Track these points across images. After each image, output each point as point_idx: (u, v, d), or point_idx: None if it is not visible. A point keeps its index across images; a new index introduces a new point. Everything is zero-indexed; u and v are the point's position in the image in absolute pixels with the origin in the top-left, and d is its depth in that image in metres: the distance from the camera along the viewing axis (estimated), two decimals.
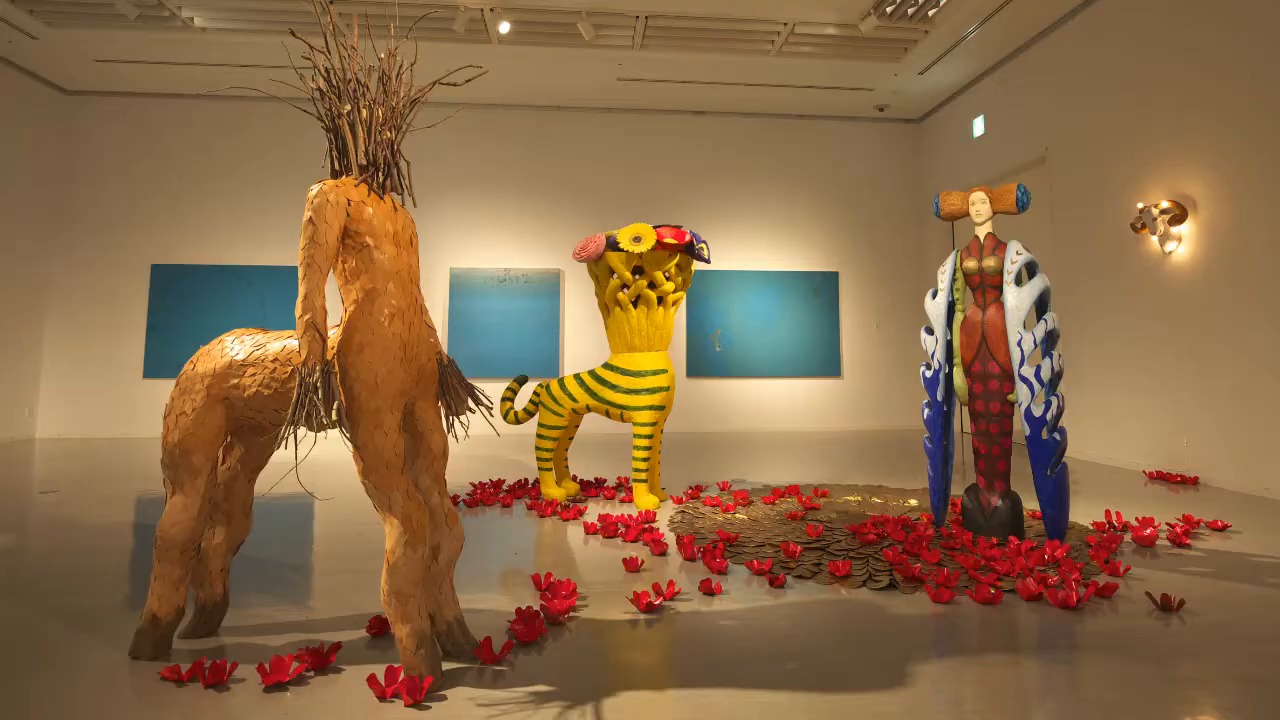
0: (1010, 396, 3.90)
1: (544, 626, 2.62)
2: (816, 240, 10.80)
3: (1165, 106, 6.43)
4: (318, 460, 6.69)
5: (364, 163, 2.37)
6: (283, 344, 2.40)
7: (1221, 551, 3.79)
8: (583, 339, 10.21)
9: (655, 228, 4.86)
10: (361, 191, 2.31)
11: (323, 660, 2.31)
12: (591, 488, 5.52)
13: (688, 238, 4.90)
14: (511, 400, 5.46)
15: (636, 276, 4.98)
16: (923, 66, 9.18)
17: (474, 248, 10.25)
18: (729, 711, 2.07)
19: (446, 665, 2.35)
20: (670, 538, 4.08)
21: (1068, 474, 3.81)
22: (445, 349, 8.72)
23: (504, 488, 5.52)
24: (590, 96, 10.23)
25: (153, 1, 7.62)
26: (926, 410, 4.11)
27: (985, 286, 3.98)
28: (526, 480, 5.71)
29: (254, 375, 2.37)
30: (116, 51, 8.75)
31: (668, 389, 4.94)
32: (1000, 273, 3.91)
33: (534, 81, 9.65)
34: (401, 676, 2.15)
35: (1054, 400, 3.74)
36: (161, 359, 9.59)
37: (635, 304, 4.99)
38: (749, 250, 10.64)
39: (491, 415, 2.68)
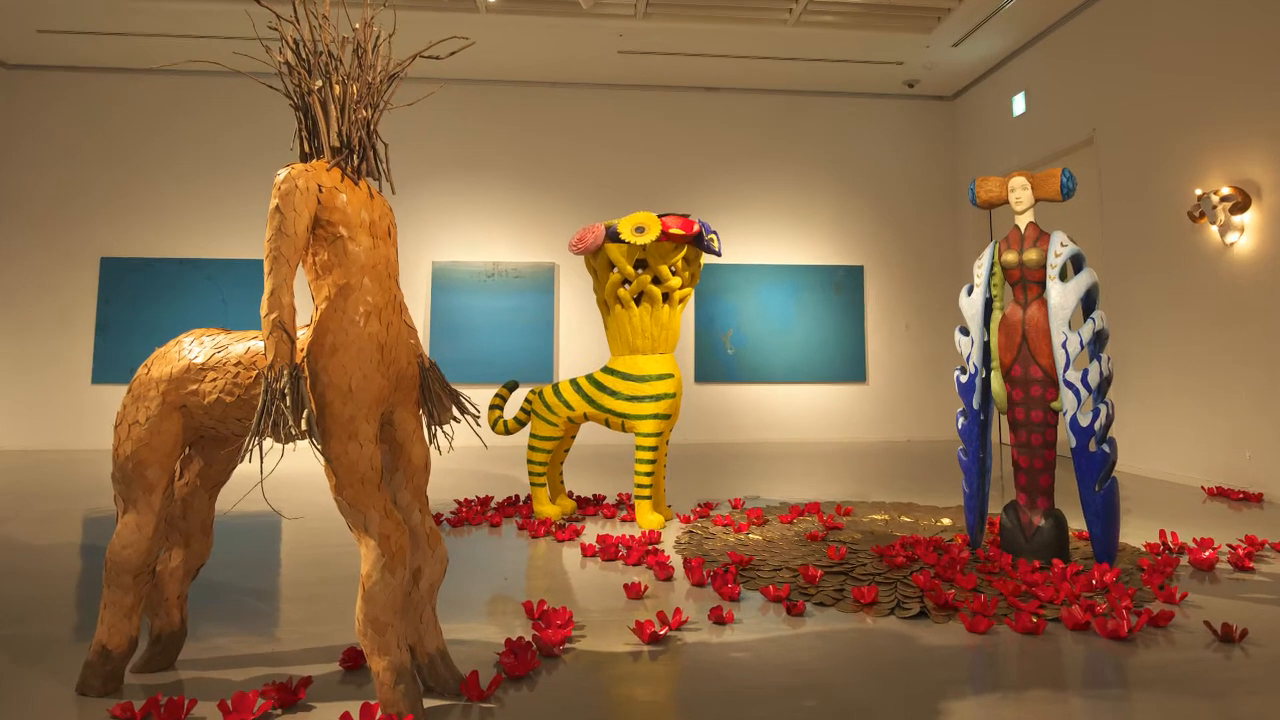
0: (1054, 404, 3.90)
1: (536, 659, 2.62)
2: (839, 231, 10.81)
3: (1227, 81, 6.43)
4: (285, 475, 6.69)
5: (337, 145, 2.37)
6: (247, 345, 2.40)
7: None
8: (580, 340, 10.22)
9: (660, 217, 4.87)
10: (334, 176, 2.32)
11: (291, 697, 2.31)
12: (589, 505, 5.51)
13: (696, 228, 4.90)
14: (501, 408, 5.46)
15: (639, 271, 4.98)
16: (957, 38, 9.19)
17: (459, 239, 10.27)
18: None
19: (428, 702, 2.35)
20: (677, 561, 4.08)
21: (1118, 490, 3.80)
22: (427, 351, 8.71)
23: (492, 505, 5.52)
24: (588, 71, 10.25)
25: None
26: (961, 419, 4.11)
27: (1026, 282, 3.98)
28: (517, 497, 5.71)
29: (215, 380, 2.38)
30: (61, 21, 8.77)
31: (674, 396, 4.95)
32: (1043, 267, 3.91)
33: (526, 55, 9.67)
34: (379, 715, 2.15)
35: (1102, 408, 3.74)
36: (112, 362, 9.61)
37: (638, 301, 4.99)
38: (764, 242, 10.65)
39: (478, 425, 2.68)
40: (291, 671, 2.57)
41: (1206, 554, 3.93)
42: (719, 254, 5.19)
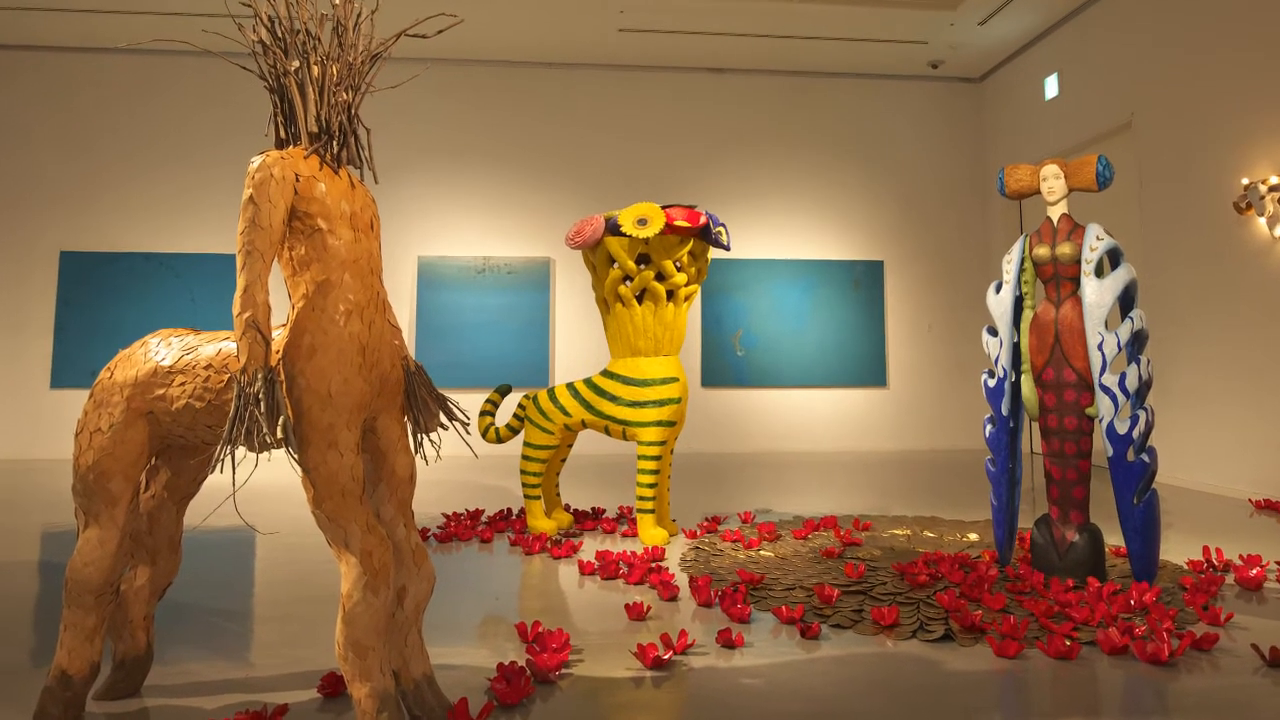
0: (1089, 410, 3.90)
1: (531, 686, 2.62)
2: (857, 223, 10.81)
3: (1276, 61, 6.43)
4: (260, 486, 6.69)
5: (315, 130, 2.38)
6: (218, 347, 2.40)
7: None
8: (577, 341, 10.23)
9: (664, 208, 4.88)
10: (313, 165, 2.32)
11: None
12: (588, 519, 5.51)
13: (703, 220, 4.90)
14: (492, 415, 5.46)
15: (642, 267, 4.98)
16: (984, 15, 9.19)
17: (447, 232, 10.28)
18: None
19: None
20: (682, 579, 4.07)
21: (1158, 503, 3.79)
22: (412, 353, 8.72)
23: (483, 519, 5.53)
24: (586, 51, 10.27)
25: None
26: (989, 427, 4.10)
27: (1059, 278, 3.98)
28: (510, 510, 5.71)
29: (183, 385, 2.38)
30: None
31: (679, 401, 4.95)
32: (1077, 262, 3.91)
33: (519, 33, 9.68)
34: None
35: (1141, 414, 3.74)
36: (72, 365, 9.63)
37: (640, 300, 5.00)
38: (776, 235, 10.65)
39: (468, 433, 2.68)
40: (266, 699, 2.57)
41: (1254, 572, 3.92)
42: (727, 248, 5.19)
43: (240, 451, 9.00)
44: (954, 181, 11.01)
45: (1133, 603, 3.46)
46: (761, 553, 4.59)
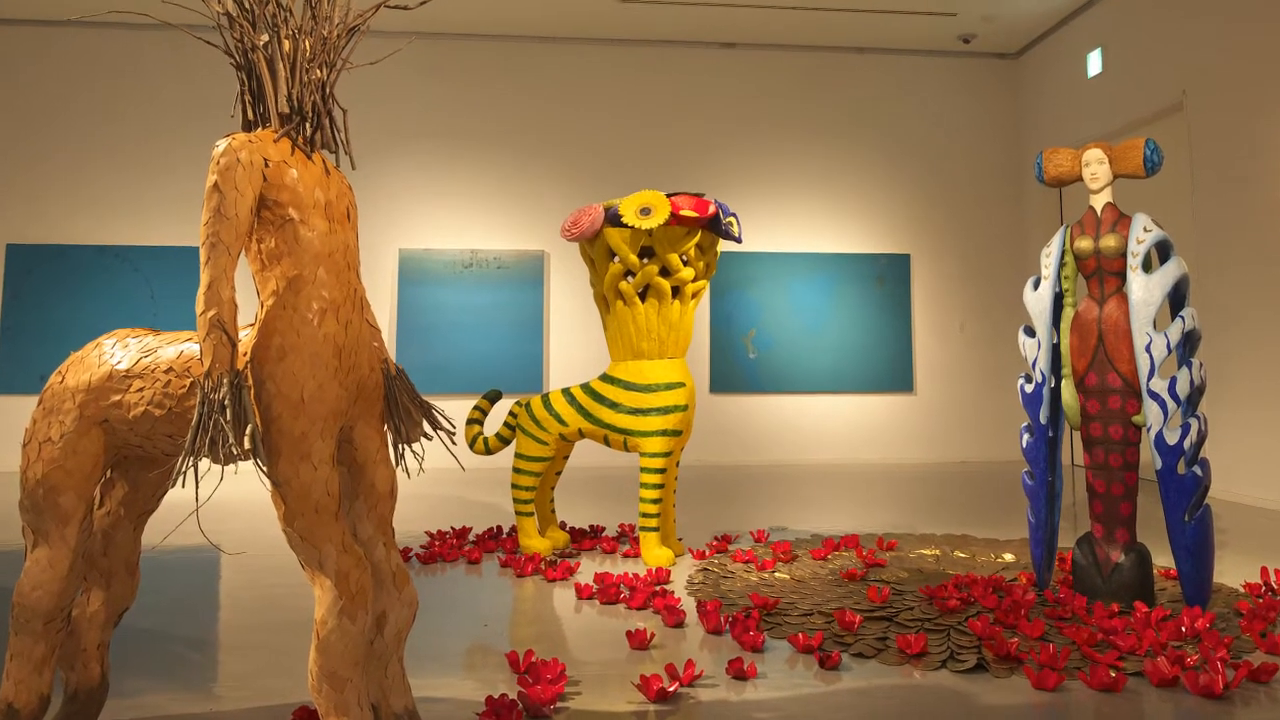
0: (1136, 418, 3.89)
1: None
2: (881, 213, 10.82)
3: None
4: (226, 502, 6.69)
5: (286, 111, 2.38)
6: (179, 349, 2.41)
7: None
8: (574, 343, 10.23)
9: (669, 196, 4.88)
10: (283, 149, 2.33)
11: None
12: (585, 538, 5.52)
13: (712, 209, 4.90)
14: (480, 423, 5.46)
15: (645, 261, 4.98)
16: None
17: (431, 223, 10.30)
18: None
19: None
20: (689, 604, 4.07)
21: (1211, 520, 3.79)
22: (393, 356, 8.71)
23: (470, 538, 5.53)
24: (585, 24, 10.28)
25: None
26: (1026, 436, 4.10)
27: (1103, 274, 3.98)
28: (500, 528, 5.72)
29: (142, 390, 2.38)
30: None
31: (685, 408, 4.95)
32: (1123, 255, 3.91)
33: (510, 4, 9.69)
34: None
35: (1193, 423, 3.73)
36: (19, 369, 9.64)
37: (643, 297, 5.00)
38: (793, 226, 10.66)
39: (454, 443, 2.68)
40: None
41: None
42: (739, 240, 5.19)
43: (204, 464, 8.99)
44: (987, 167, 11.01)
45: (1184, 630, 3.45)
46: (776, 575, 4.59)
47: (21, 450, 2.42)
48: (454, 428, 2.53)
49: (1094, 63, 9.41)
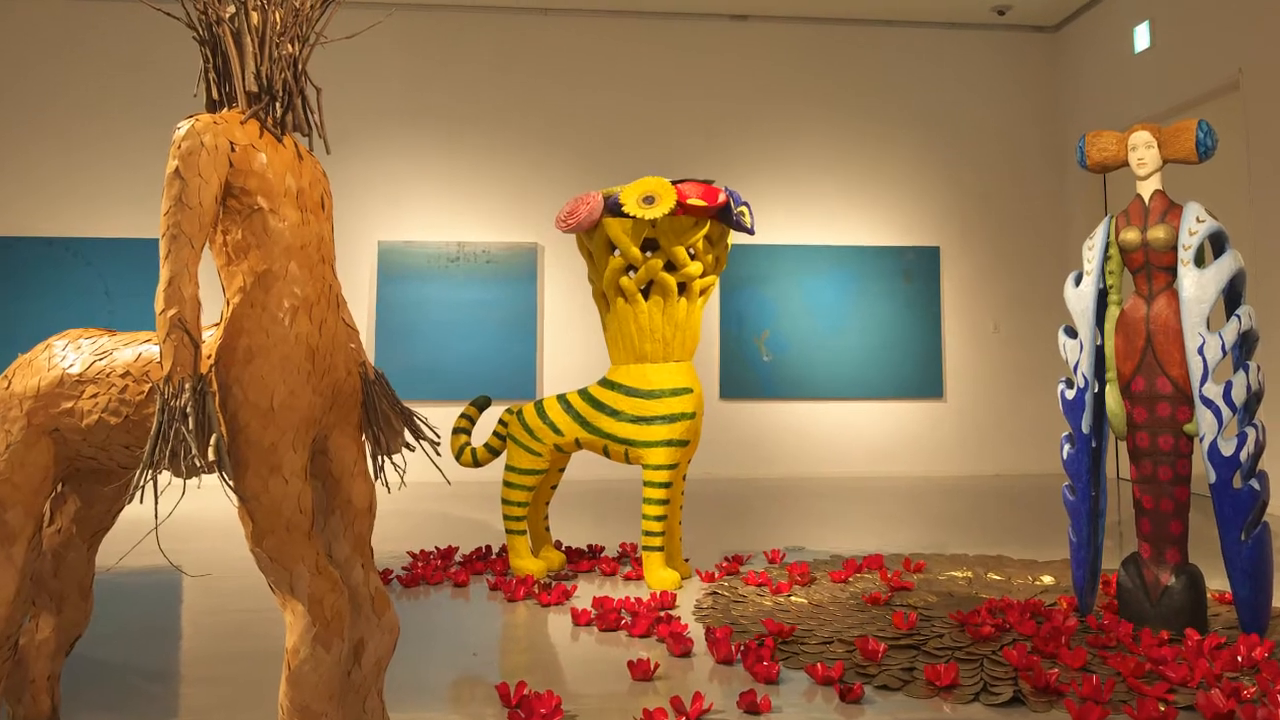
0: (1187, 427, 3.89)
1: None
2: (908, 202, 10.81)
3: None
4: (188, 519, 6.69)
5: (254, 90, 2.38)
6: (137, 351, 2.41)
7: None
8: (570, 344, 10.23)
9: (675, 184, 4.88)
10: (251, 131, 2.33)
11: None
12: (583, 559, 5.52)
13: (722, 198, 4.90)
14: (468, 433, 5.46)
15: (648, 254, 4.98)
16: None
17: (413, 212, 10.29)
18: None
19: None
20: (697, 631, 4.06)
21: (1270, 539, 3.78)
22: (372, 359, 8.70)
23: (457, 559, 5.53)
24: None
25: None
26: (1067, 447, 4.09)
27: (1151, 268, 3.98)
28: (489, 548, 5.72)
29: (95, 397, 2.38)
30: None
31: (693, 416, 4.94)
32: (1173, 248, 3.90)
33: None
34: None
35: (1250, 432, 3.72)
36: None
37: (646, 294, 4.99)
38: (810, 217, 10.65)
39: (439, 454, 2.68)
40: None
41: None
42: (751, 232, 5.19)
43: (165, 477, 8.99)
44: (1024, 151, 11.00)
45: (1240, 659, 3.44)
46: (792, 599, 4.58)
47: None
48: (438, 437, 2.53)
49: (1141, 36, 9.39)
